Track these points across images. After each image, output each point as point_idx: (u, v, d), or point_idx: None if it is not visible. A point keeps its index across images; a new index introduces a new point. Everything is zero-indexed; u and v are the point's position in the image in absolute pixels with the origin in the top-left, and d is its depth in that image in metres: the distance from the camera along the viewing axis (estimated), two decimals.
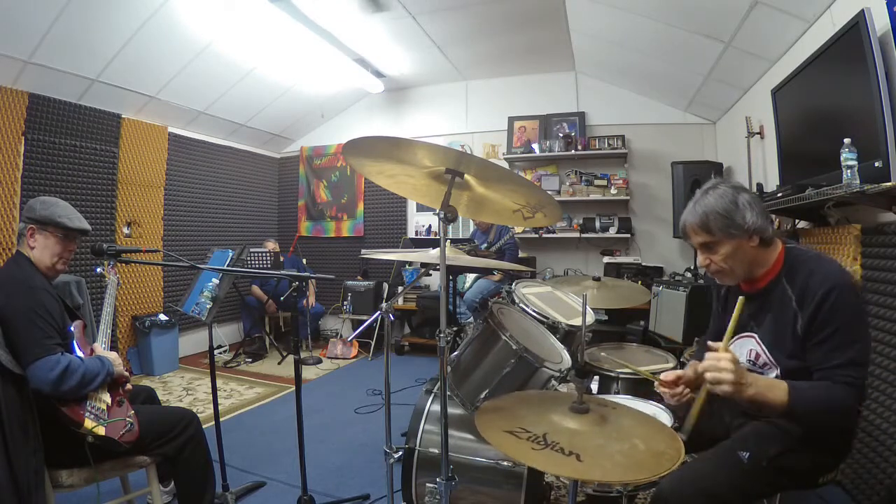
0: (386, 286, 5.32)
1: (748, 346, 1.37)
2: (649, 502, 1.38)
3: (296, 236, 6.14)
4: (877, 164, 1.76)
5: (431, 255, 1.92)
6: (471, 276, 4.52)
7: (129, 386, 1.71)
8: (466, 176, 1.33)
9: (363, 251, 4.87)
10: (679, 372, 1.37)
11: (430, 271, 3.82)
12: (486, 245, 4.29)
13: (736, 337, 1.37)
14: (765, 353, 1.32)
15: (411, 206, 5.69)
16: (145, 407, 1.85)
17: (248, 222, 5.76)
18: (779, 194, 2.34)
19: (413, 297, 5.06)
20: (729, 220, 1.23)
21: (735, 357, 1.14)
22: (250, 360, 4.70)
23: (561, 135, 4.88)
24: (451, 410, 1.67)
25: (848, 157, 1.76)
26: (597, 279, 2.48)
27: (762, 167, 3.28)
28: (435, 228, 5.43)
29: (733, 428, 1.44)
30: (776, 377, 1.28)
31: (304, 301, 4.91)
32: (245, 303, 5.03)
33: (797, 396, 1.12)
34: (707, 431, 1.51)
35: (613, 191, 4.67)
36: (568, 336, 1.96)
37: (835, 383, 1.13)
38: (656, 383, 1.37)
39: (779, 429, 1.27)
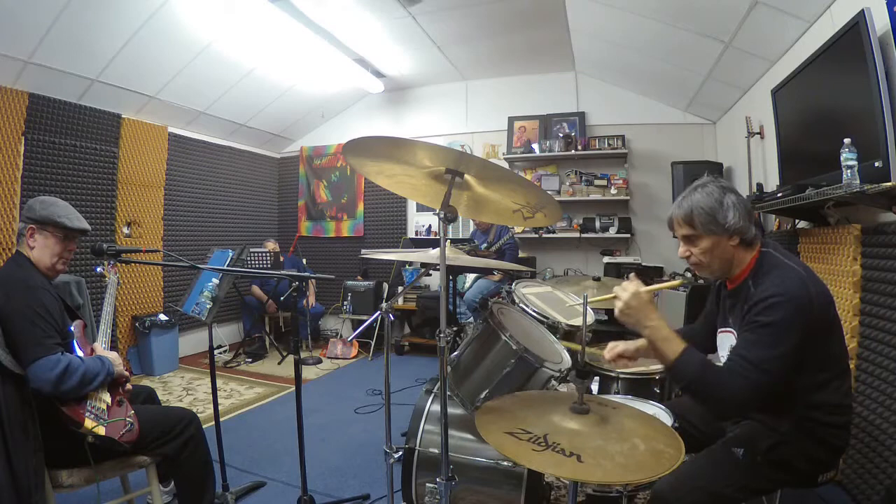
0: (386, 286, 5.32)
1: (729, 342, 1.42)
2: (648, 502, 1.38)
3: (296, 236, 6.14)
4: (877, 164, 1.76)
5: (431, 255, 1.92)
6: (471, 276, 4.51)
7: (129, 386, 1.71)
8: (466, 176, 1.33)
9: (363, 251, 4.87)
10: (620, 348, 1.61)
11: (430, 271, 3.82)
12: (486, 245, 4.29)
13: (720, 330, 1.47)
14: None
15: (411, 206, 5.69)
16: (145, 407, 1.85)
17: (248, 222, 5.76)
18: (779, 194, 2.34)
19: (413, 297, 5.06)
20: (711, 218, 1.29)
21: (640, 292, 1.30)
22: (250, 360, 4.70)
23: (561, 135, 4.88)
24: (451, 410, 1.67)
25: (848, 157, 1.76)
26: (597, 279, 2.48)
27: (762, 167, 3.28)
28: (435, 228, 5.43)
29: (728, 429, 1.48)
30: None
31: (304, 301, 4.91)
32: (245, 303, 5.03)
33: (684, 360, 1.22)
34: (708, 433, 1.53)
35: (613, 191, 4.67)
36: (568, 336, 1.96)
37: (729, 368, 1.21)
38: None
39: (767, 426, 1.31)
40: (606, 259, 4.52)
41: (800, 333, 1.18)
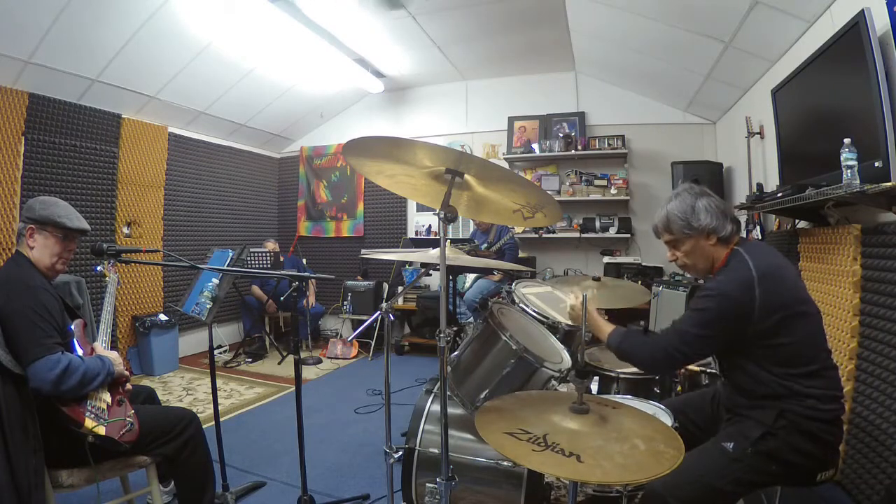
0: (386, 286, 5.32)
1: None
2: (640, 498, 1.39)
3: (296, 236, 6.14)
4: (877, 164, 1.76)
5: (431, 255, 1.92)
6: (471, 276, 4.51)
7: (129, 386, 1.71)
8: (466, 176, 1.33)
9: (363, 251, 4.88)
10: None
11: (430, 271, 3.82)
12: (486, 245, 4.29)
13: None
14: None
15: (411, 206, 5.69)
16: (145, 407, 1.85)
17: (248, 222, 5.76)
18: (779, 194, 2.34)
19: (413, 297, 5.06)
20: (685, 222, 1.45)
21: (590, 308, 1.63)
22: (250, 360, 4.70)
23: (561, 135, 4.88)
24: (451, 410, 1.67)
25: (848, 157, 1.76)
26: (597, 279, 2.48)
27: (762, 167, 3.28)
28: (435, 228, 5.43)
29: (723, 422, 1.52)
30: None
31: (304, 301, 4.91)
32: (245, 303, 5.03)
33: (611, 337, 1.56)
34: (708, 431, 1.53)
35: (613, 191, 4.67)
36: (568, 336, 1.96)
37: (659, 338, 1.46)
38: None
39: (754, 420, 1.36)
40: (606, 259, 4.52)
41: (724, 325, 1.34)
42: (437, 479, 1.33)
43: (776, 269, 1.37)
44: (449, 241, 1.68)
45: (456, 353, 1.76)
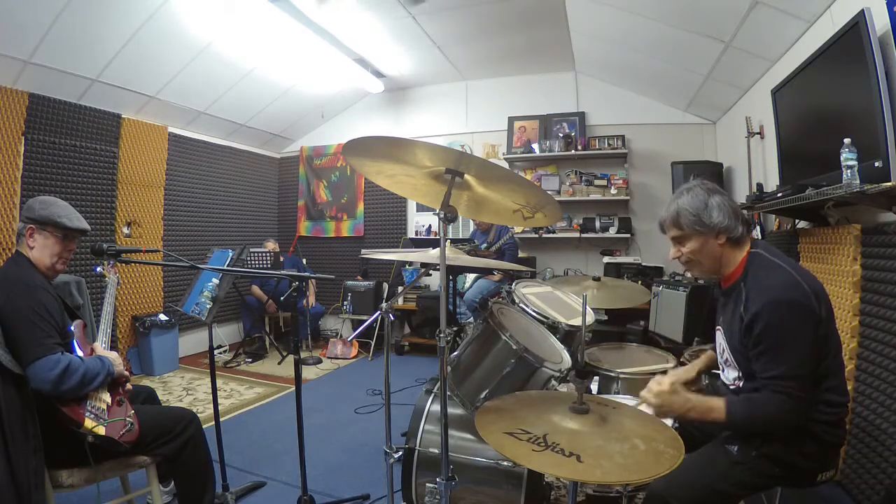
0: (386, 286, 5.32)
1: (719, 340, 1.47)
2: (643, 501, 1.38)
3: (296, 236, 6.14)
4: (877, 164, 1.76)
5: (431, 255, 1.92)
6: (471, 276, 4.51)
7: (129, 386, 1.71)
8: (466, 176, 1.33)
9: (363, 251, 4.88)
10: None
11: (430, 271, 3.82)
12: (485, 245, 4.29)
13: (716, 327, 1.51)
14: (727, 349, 1.42)
15: (411, 206, 5.69)
16: (145, 407, 1.85)
17: (248, 222, 5.76)
18: (779, 194, 2.34)
19: (413, 297, 5.06)
20: (697, 218, 1.37)
21: (664, 391, 1.34)
22: (250, 360, 4.71)
23: (561, 135, 4.88)
24: (452, 410, 1.67)
25: (848, 157, 1.76)
26: (597, 279, 2.48)
27: (762, 167, 3.28)
28: (435, 228, 5.43)
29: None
30: (736, 378, 1.39)
31: (304, 301, 4.91)
32: (245, 303, 5.03)
33: (732, 414, 1.26)
34: (708, 432, 1.53)
35: (613, 191, 4.67)
36: (568, 336, 1.96)
37: (769, 393, 1.23)
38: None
39: None
40: (606, 259, 4.52)
41: (808, 328, 1.22)
42: (437, 479, 1.33)
43: (798, 265, 1.33)
44: (449, 241, 1.68)
45: (456, 353, 1.76)
